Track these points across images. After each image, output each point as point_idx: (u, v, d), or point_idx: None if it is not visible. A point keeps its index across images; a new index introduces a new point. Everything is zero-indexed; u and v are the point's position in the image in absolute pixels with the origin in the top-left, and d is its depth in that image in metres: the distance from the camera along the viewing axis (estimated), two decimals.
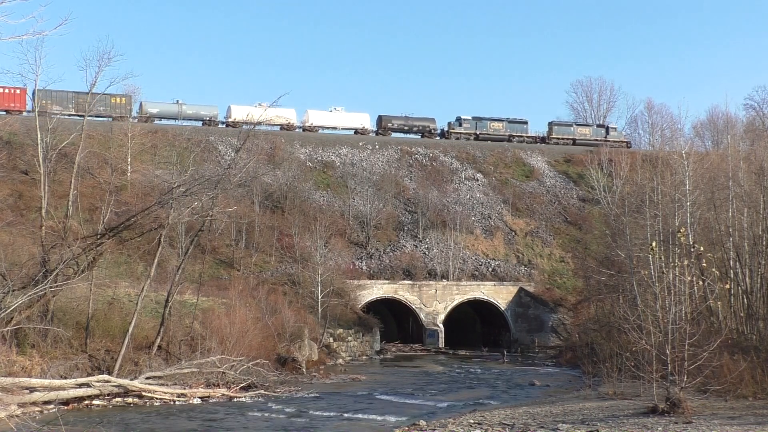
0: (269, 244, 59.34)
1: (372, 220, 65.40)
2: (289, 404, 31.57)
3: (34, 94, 64.39)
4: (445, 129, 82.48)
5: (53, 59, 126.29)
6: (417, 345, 60.55)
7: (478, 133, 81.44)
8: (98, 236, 34.56)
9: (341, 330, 52.71)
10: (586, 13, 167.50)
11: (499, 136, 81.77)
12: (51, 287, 30.77)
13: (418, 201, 69.09)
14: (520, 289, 63.40)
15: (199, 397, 32.33)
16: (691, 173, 37.04)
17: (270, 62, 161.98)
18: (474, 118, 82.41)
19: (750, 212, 34.90)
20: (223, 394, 33.07)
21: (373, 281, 60.77)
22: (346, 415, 29.16)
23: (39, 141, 37.31)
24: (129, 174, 59.15)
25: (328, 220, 59.41)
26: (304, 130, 77.40)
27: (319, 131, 77.83)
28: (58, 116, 41.04)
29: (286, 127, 76.18)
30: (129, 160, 59.66)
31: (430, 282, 62.33)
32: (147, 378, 32.46)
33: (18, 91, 65.98)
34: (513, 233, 70.31)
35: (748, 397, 25.67)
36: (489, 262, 66.66)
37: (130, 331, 33.67)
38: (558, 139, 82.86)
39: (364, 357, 53.35)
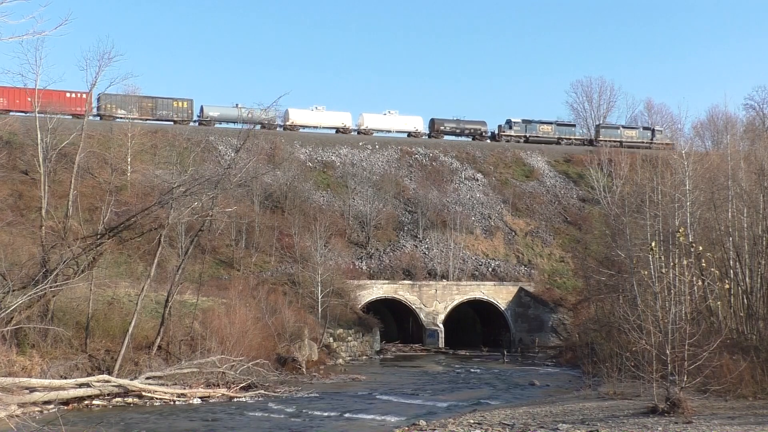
0: (269, 244, 59.34)
1: (372, 220, 65.40)
2: (289, 404, 31.57)
3: (98, 99, 68.11)
4: (495, 132, 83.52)
5: (53, 59, 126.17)
6: (417, 345, 60.55)
7: (527, 135, 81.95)
8: (98, 236, 34.57)
9: (341, 330, 52.71)
10: (586, 13, 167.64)
11: (549, 139, 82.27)
12: (51, 287, 30.78)
13: (418, 201, 69.09)
14: (520, 289, 63.40)
15: (199, 397, 32.34)
16: (691, 173, 37.06)
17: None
18: (524, 121, 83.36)
19: (750, 212, 34.90)
20: (223, 394, 33.07)
21: (373, 281, 60.77)
22: (346, 415, 29.16)
23: (39, 141, 37.34)
24: (129, 174, 59.16)
25: (328, 220, 59.41)
26: (358, 133, 79.00)
27: (374, 134, 79.35)
28: (57, 117, 40.92)
29: (342, 130, 78.08)
30: (129, 160, 59.66)
31: (430, 282, 62.34)
32: (147, 378, 32.47)
33: (84, 96, 67.08)
34: (513, 233, 70.32)
35: (748, 397, 25.67)
36: (489, 262, 66.66)
37: (130, 331, 33.68)
38: (605, 141, 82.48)
39: (364, 357, 53.35)
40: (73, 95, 66.33)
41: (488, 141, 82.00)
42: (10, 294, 30.01)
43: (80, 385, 29.98)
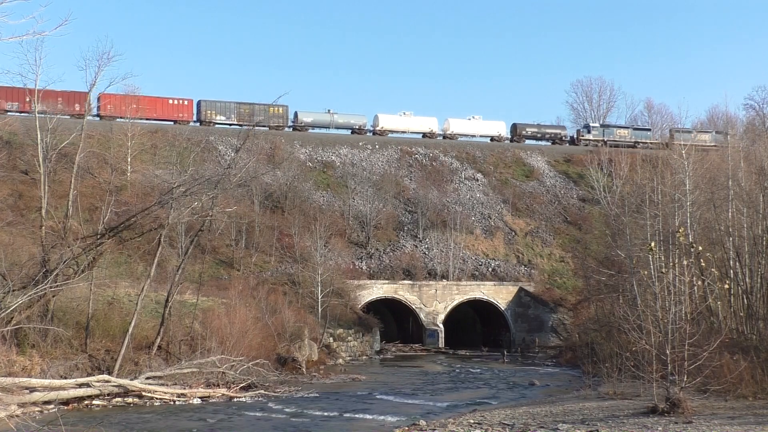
0: (269, 244, 59.34)
1: (372, 220, 65.40)
2: (289, 404, 31.56)
3: (199, 105, 71.49)
4: (574, 136, 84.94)
5: (53, 59, 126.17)
6: (417, 345, 60.55)
7: (605, 139, 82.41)
8: (98, 236, 34.57)
9: (341, 330, 52.71)
10: (586, 13, 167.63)
11: (625, 143, 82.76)
12: (51, 287, 30.77)
13: (418, 201, 69.09)
14: (520, 289, 63.40)
15: (199, 397, 32.33)
16: (691, 173, 37.06)
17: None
18: (602, 125, 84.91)
19: (750, 212, 34.90)
20: (223, 394, 33.07)
21: (373, 281, 60.78)
22: (346, 415, 29.15)
23: (39, 141, 37.32)
24: (129, 174, 59.18)
25: (328, 220, 59.41)
26: (444, 138, 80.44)
27: (458, 139, 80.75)
28: (57, 117, 40.92)
29: (429, 135, 79.82)
30: (129, 160, 59.67)
31: (430, 282, 62.34)
32: (147, 378, 32.46)
33: (186, 102, 71.70)
34: (513, 233, 70.32)
35: (748, 397, 25.66)
36: (489, 262, 66.66)
37: (130, 331, 33.68)
38: (681, 145, 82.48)
39: (364, 357, 53.34)
40: (176, 102, 71.20)
41: (567, 145, 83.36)
42: (10, 294, 30.00)
43: (80, 385, 29.97)
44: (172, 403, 31.36)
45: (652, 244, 27.04)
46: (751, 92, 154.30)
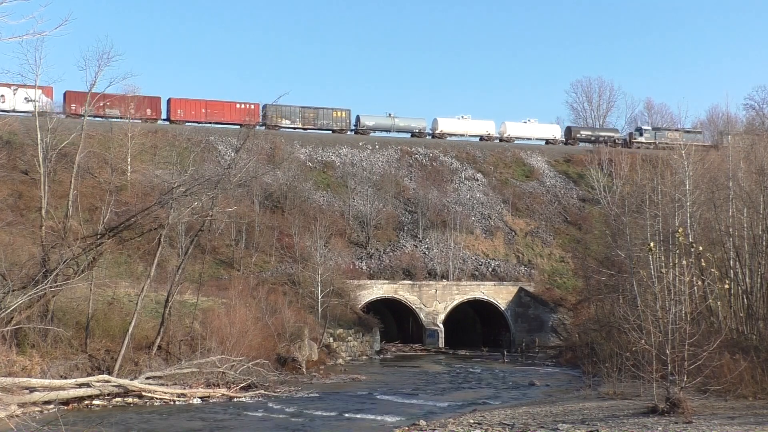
0: (269, 244, 59.34)
1: (372, 220, 65.41)
2: (289, 404, 31.57)
3: (265, 109, 73.80)
4: (627, 139, 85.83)
5: (53, 59, 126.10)
6: (417, 345, 60.56)
7: (657, 142, 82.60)
8: (98, 236, 34.57)
9: (341, 330, 52.72)
10: (585, 14, 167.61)
11: (677, 146, 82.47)
12: (51, 287, 30.77)
13: (418, 201, 69.09)
14: (520, 289, 63.41)
15: (199, 397, 32.34)
16: (691, 173, 37.07)
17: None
18: (654, 128, 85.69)
19: (750, 212, 34.91)
20: (223, 394, 33.07)
21: (373, 281, 60.78)
22: (346, 415, 29.16)
23: (39, 141, 37.32)
24: (129, 174, 59.17)
25: (328, 220, 59.42)
26: (501, 141, 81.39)
27: (515, 141, 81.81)
28: (57, 117, 40.92)
29: (486, 138, 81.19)
30: (129, 160, 59.67)
31: (430, 282, 62.34)
32: (147, 378, 32.47)
33: (252, 107, 73.90)
34: (513, 233, 70.33)
35: (748, 397, 25.66)
36: (489, 262, 66.67)
37: (130, 331, 33.68)
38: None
39: (364, 357, 53.35)
40: (243, 106, 73.24)
41: (620, 147, 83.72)
42: (10, 294, 30.00)
43: (80, 385, 29.98)
44: (172, 403, 31.36)
45: (652, 244, 27.04)
46: (751, 92, 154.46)
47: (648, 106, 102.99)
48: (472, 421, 25.16)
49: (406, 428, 25.10)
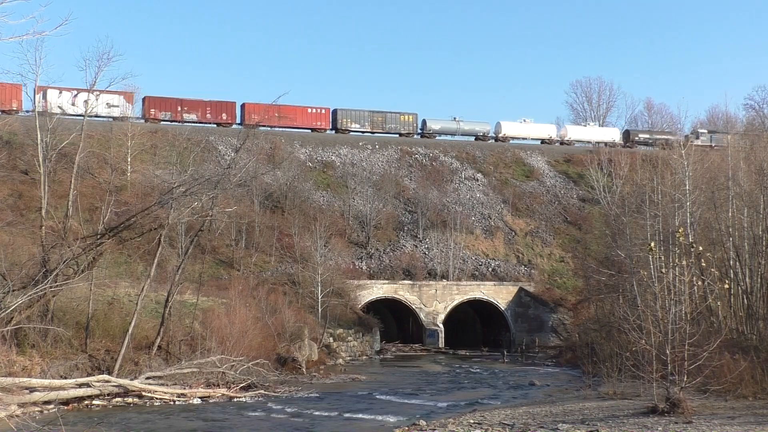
0: (269, 244, 59.34)
1: (372, 220, 65.41)
2: (289, 404, 31.57)
3: (335, 113, 75.92)
4: (683, 141, 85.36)
5: (53, 59, 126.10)
6: (417, 345, 60.55)
7: (713, 145, 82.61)
8: (98, 236, 34.57)
9: (341, 330, 52.71)
10: (585, 14, 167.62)
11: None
12: (51, 287, 30.77)
13: (418, 201, 69.08)
14: (520, 289, 63.40)
15: (199, 397, 32.35)
16: (691, 173, 37.07)
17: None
18: (709, 131, 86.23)
19: (750, 212, 34.91)
20: (223, 394, 33.07)
21: (373, 281, 60.77)
22: (346, 415, 29.16)
23: (39, 141, 37.31)
24: (129, 174, 59.15)
25: (328, 220, 59.40)
26: (561, 144, 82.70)
27: (575, 145, 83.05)
28: (58, 116, 40.89)
29: (547, 141, 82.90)
30: (129, 160, 59.66)
31: (430, 282, 62.34)
32: (147, 378, 32.47)
33: (323, 111, 76.45)
34: (513, 233, 70.32)
35: (748, 397, 25.67)
36: (489, 262, 66.66)
37: (130, 331, 33.68)
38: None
39: (364, 357, 53.35)
40: (314, 111, 75.63)
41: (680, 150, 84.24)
42: (10, 294, 30.00)
43: (80, 385, 29.98)
44: (172, 403, 31.37)
45: (652, 244, 27.03)
46: (751, 92, 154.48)
47: (648, 106, 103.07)
48: (472, 421, 25.16)
49: (406, 428, 25.09)
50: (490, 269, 66.09)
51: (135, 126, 62.02)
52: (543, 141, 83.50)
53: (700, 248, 29.34)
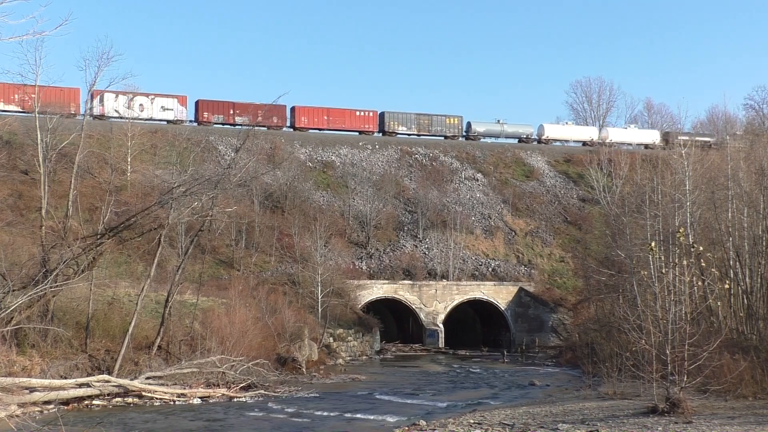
0: (269, 244, 59.33)
1: (372, 220, 65.40)
2: (289, 404, 31.57)
3: (382, 116, 77.21)
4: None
5: (53, 59, 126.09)
6: (417, 345, 60.55)
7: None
8: (98, 236, 34.57)
9: (341, 330, 52.71)
10: (585, 13, 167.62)
11: None
12: (51, 287, 30.77)
13: (418, 201, 69.08)
14: (520, 289, 63.39)
15: (199, 397, 32.34)
16: (691, 173, 37.06)
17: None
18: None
19: (750, 212, 34.91)
20: (223, 394, 33.07)
21: (373, 281, 60.77)
22: (346, 415, 29.15)
23: (39, 141, 37.31)
24: (129, 174, 59.14)
25: (328, 220, 59.40)
26: (602, 146, 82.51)
27: (615, 147, 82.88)
28: (57, 116, 40.87)
29: (589, 143, 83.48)
30: (129, 160, 59.65)
31: (430, 282, 62.33)
32: (147, 378, 32.47)
33: (371, 114, 77.62)
34: (513, 233, 70.32)
35: (748, 397, 25.68)
36: (489, 262, 66.66)
37: (130, 331, 33.68)
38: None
39: (364, 357, 53.34)
40: (362, 113, 77.22)
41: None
42: (10, 294, 30.00)
43: (80, 385, 29.98)
44: (172, 403, 31.37)
45: (652, 244, 27.03)
46: (751, 92, 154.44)
47: (648, 106, 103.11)
48: (472, 421, 25.16)
49: (406, 428, 25.09)
50: (490, 269, 66.09)
51: (135, 126, 62.01)
52: (584, 143, 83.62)
53: (700, 248, 29.34)
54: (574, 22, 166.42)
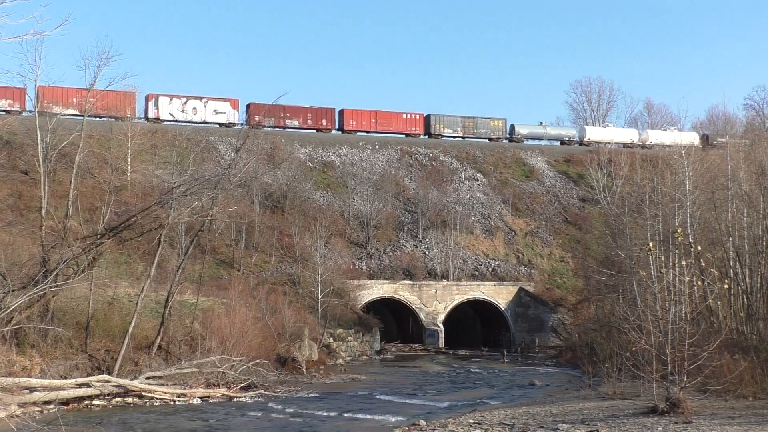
0: (269, 244, 59.35)
1: (372, 220, 65.41)
2: (289, 404, 31.57)
3: (428, 119, 77.95)
4: None
5: (53, 59, 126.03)
6: (417, 345, 60.56)
7: None
8: (98, 236, 34.58)
9: (341, 330, 52.72)
10: (585, 13, 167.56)
11: None
12: (51, 287, 30.77)
13: (418, 201, 69.09)
14: (520, 289, 63.40)
15: (199, 397, 32.35)
16: (691, 173, 37.07)
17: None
18: None
19: (750, 212, 34.90)
20: (223, 394, 33.08)
21: (373, 281, 60.78)
22: (346, 415, 29.16)
23: (39, 141, 37.30)
24: (129, 174, 59.15)
25: (328, 220, 59.42)
26: (642, 148, 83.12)
27: (655, 148, 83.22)
28: (58, 116, 40.88)
29: (629, 145, 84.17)
30: (129, 160, 59.66)
31: (430, 282, 62.34)
32: (147, 378, 32.47)
33: (417, 117, 78.64)
34: (513, 233, 70.33)
35: (748, 397, 25.67)
36: (489, 262, 66.67)
37: (130, 331, 33.69)
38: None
39: (364, 357, 53.35)
40: (409, 116, 78.26)
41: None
42: (10, 294, 30.00)
43: (80, 385, 29.98)
44: (172, 403, 31.37)
45: (652, 244, 27.05)
46: (751, 92, 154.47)
47: (647, 106, 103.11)
48: (472, 421, 25.16)
49: (406, 428, 25.10)
50: (490, 269, 66.10)
51: (135, 126, 62.04)
52: (625, 145, 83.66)
53: (699, 248, 29.37)
54: (574, 22, 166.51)
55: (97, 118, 62.26)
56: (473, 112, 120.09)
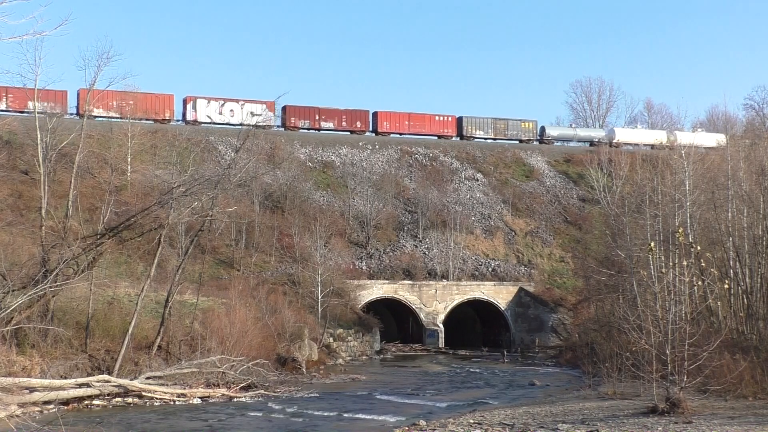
0: (269, 244, 59.35)
1: (372, 220, 65.42)
2: (289, 404, 31.57)
3: (460, 121, 78.28)
4: None
5: (53, 59, 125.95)
6: (417, 345, 60.57)
7: None
8: (98, 236, 34.58)
9: (341, 330, 52.72)
10: (585, 13, 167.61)
11: None
12: (51, 287, 30.77)
13: (418, 201, 69.10)
14: (520, 289, 63.41)
15: (199, 397, 32.35)
16: (691, 173, 37.06)
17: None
18: None
19: (750, 212, 34.89)
20: (223, 394, 33.07)
21: (373, 281, 60.79)
22: (346, 415, 29.16)
23: (39, 141, 37.28)
24: (129, 174, 59.15)
25: (328, 220, 59.42)
26: (670, 149, 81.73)
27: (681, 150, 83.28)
28: (58, 116, 40.87)
29: (658, 147, 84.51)
30: (129, 160, 59.65)
31: (430, 282, 62.34)
32: (147, 378, 32.47)
33: (449, 119, 78.86)
34: (513, 233, 70.33)
35: (748, 397, 25.66)
36: (489, 262, 66.67)
37: (130, 331, 33.67)
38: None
39: (364, 357, 53.35)
40: (441, 118, 78.58)
41: None
42: (10, 294, 30.00)
43: (80, 385, 29.98)
44: (172, 403, 31.37)
45: (652, 244, 27.02)
46: (751, 92, 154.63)
47: (647, 106, 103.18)
48: (472, 421, 25.15)
49: (406, 428, 25.09)
50: (490, 269, 66.10)
51: (135, 126, 62.02)
52: (653, 147, 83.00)
53: (699, 248, 29.34)
54: (574, 22, 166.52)
55: (139, 120, 63.58)
56: (469, 112, 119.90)
